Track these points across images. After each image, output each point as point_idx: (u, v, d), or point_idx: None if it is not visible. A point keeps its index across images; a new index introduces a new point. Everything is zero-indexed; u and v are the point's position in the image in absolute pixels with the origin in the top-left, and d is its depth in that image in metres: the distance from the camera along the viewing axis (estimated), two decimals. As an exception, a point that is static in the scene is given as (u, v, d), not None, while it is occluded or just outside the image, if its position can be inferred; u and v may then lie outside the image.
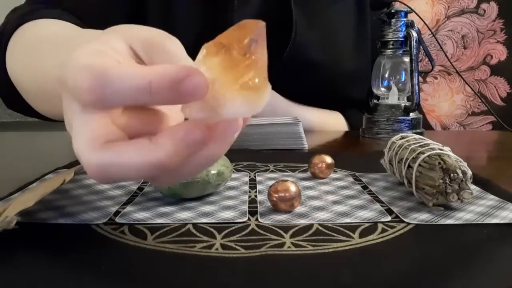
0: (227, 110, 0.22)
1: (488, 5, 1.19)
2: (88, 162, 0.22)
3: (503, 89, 1.21)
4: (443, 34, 1.21)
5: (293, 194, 0.34)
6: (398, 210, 0.34)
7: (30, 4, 0.66)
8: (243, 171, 0.47)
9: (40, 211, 0.33)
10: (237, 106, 0.22)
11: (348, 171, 0.47)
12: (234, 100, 0.22)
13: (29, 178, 0.42)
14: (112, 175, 0.22)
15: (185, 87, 0.21)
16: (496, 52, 1.20)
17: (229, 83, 0.22)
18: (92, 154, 0.22)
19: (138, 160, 0.22)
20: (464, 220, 0.32)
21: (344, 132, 0.83)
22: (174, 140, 0.22)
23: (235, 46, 0.22)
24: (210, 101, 0.22)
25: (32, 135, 0.83)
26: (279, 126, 0.59)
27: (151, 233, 0.30)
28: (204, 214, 0.33)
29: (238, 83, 0.22)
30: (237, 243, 0.28)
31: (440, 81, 1.23)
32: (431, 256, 0.27)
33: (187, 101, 0.22)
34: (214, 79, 0.22)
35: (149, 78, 0.21)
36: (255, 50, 0.22)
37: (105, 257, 0.27)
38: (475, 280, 0.24)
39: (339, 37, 0.83)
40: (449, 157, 0.34)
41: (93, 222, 0.32)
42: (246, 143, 0.58)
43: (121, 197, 0.37)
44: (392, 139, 0.43)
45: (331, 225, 0.31)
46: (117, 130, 0.24)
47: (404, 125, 0.71)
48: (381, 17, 0.73)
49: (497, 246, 0.28)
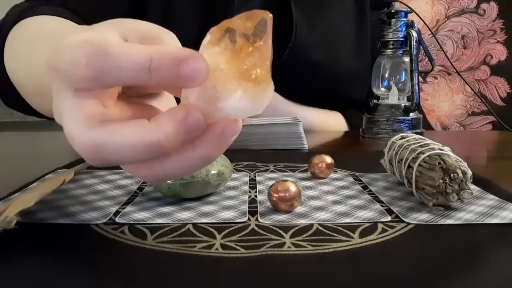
0: (226, 103, 0.22)
1: (488, 5, 1.19)
2: (83, 141, 0.21)
3: (503, 89, 1.21)
4: (443, 34, 1.21)
5: (293, 194, 0.34)
6: (398, 210, 0.34)
7: (29, 1, 0.66)
8: (243, 171, 0.47)
9: (40, 211, 0.33)
10: (237, 100, 0.22)
11: (348, 171, 0.47)
12: (234, 92, 0.21)
13: (29, 178, 0.42)
14: (107, 154, 0.21)
15: (185, 69, 0.20)
16: (496, 52, 1.20)
17: (231, 73, 0.21)
18: (87, 132, 0.21)
19: (137, 139, 0.21)
20: (464, 220, 0.32)
21: (344, 132, 0.83)
22: (175, 121, 0.21)
23: (240, 31, 0.22)
24: (210, 91, 0.22)
25: (32, 135, 0.83)
26: (279, 126, 0.59)
27: (151, 233, 0.30)
28: (204, 214, 0.33)
29: (240, 73, 0.21)
30: (237, 243, 0.28)
31: (440, 81, 1.23)
32: (431, 256, 0.27)
33: (185, 85, 0.21)
34: (216, 68, 0.21)
35: (150, 54, 0.21)
36: (260, 39, 0.22)
37: (105, 257, 0.27)
38: (475, 280, 0.24)
39: (339, 38, 0.83)
40: (449, 157, 0.34)
41: (93, 222, 0.31)
42: (246, 143, 0.58)
43: (121, 197, 0.37)
44: (392, 139, 0.43)
45: (331, 225, 0.31)
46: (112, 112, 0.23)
47: (404, 125, 0.71)
48: (381, 17, 0.73)
49: (497, 246, 0.28)
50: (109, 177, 0.43)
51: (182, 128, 0.21)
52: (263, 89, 0.22)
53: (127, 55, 0.21)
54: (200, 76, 0.21)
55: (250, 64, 0.22)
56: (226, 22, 0.22)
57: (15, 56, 0.55)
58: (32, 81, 0.48)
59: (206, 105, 0.22)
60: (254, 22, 0.22)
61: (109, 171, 0.45)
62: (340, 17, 0.83)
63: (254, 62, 0.22)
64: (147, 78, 0.21)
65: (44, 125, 0.69)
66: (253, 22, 0.22)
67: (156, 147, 0.21)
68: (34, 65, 0.45)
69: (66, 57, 0.22)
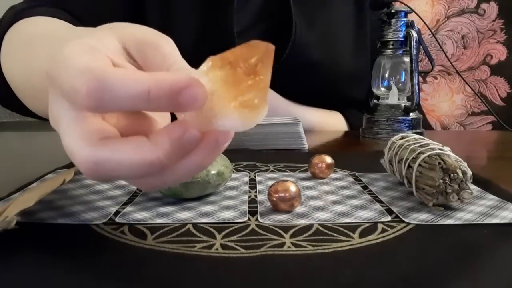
0: (222, 122, 0.22)
1: (488, 5, 1.19)
2: (83, 158, 0.22)
3: (503, 89, 1.21)
4: (443, 34, 1.21)
5: (293, 194, 0.34)
6: (398, 210, 0.34)
7: (27, 2, 0.66)
8: (243, 171, 0.47)
9: (40, 211, 0.33)
10: (232, 121, 0.22)
11: (348, 171, 0.47)
12: (230, 115, 0.22)
13: (29, 178, 0.42)
14: (108, 172, 0.22)
15: (184, 97, 0.21)
16: (496, 52, 1.20)
17: (228, 98, 0.22)
18: (87, 149, 0.22)
19: (138, 158, 0.22)
20: (464, 220, 0.32)
21: (344, 132, 0.83)
22: (173, 139, 0.22)
23: (241, 64, 0.22)
24: (207, 112, 0.22)
25: (32, 135, 0.83)
26: (279, 126, 0.59)
27: (151, 233, 0.30)
28: (204, 214, 0.33)
29: (237, 100, 0.22)
30: (237, 243, 0.28)
31: (440, 81, 1.23)
32: (431, 256, 0.27)
33: (184, 110, 0.22)
34: (214, 91, 0.22)
35: (148, 85, 0.21)
36: (260, 71, 0.22)
37: (105, 257, 0.27)
38: (475, 280, 0.24)
39: (338, 38, 0.83)
40: (449, 157, 0.34)
41: (93, 222, 0.32)
42: (246, 143, 0.58)
43: (121, 197, 0.37)
44: (392, 139, 0.43)
45: (331, 225, 0.31)
46: (111, 127, 0.23)
47: (404, 125, 0.71)
48: (381, 17, 0.73)
49: (497, 246, 0.28)
50: (109, 177, 0.43)
51: (179, 145, 0.22)
52: (258, 113, 0.23)
53: (126, 86, 0.21)
54: (199, 102, 0.21)
55: (249, 96, 0.22)
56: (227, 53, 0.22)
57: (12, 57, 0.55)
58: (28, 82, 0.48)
59: (201, 123, 0.23)
60: (257, 54, 0.22)
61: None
62: (340, 17, 0.83)
63: (252, 93, 0.22)
64: (146, 107, 0.21)
65: (44, 125, 0.69)
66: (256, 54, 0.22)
67: (156, 165, 0.22)
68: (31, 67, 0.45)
69: (67, 82, 0.22)
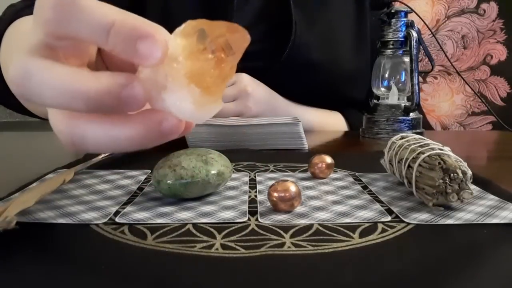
0: (169, 96, 0.21)
1: (488, 5, 1.19)
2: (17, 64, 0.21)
3: (503, 89, 1.21)
4: (443, 34, 1.21)
5: (293, 194, 0.34)
6: (398, 210, 0.34)
7: (25, 0, 0.66)
8: (243, 171, 0.47)
9: (40, 211, 0.33)
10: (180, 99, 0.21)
11: (348, 171, 0.47)
12: (179, 91, 0.21)
13: (29, 178, 0.42)
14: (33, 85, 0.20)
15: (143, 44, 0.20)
16: (496, 52, 1.20)
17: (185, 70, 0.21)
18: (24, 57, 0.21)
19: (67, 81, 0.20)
20: (464, 220, 0.32)
21: (344, 132, 0.83)
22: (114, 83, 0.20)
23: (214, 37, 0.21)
24: (161, 77, 0.21)
25: (32, 135, 0.83)
26: (279, 126, 0.59)
27: (151, 233, 0.30)
28: (204, 214, 0.33)
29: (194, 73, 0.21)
30: (237, 243, 0.28)
31: (440, 81, 1.23)
32: (431, 256, 0.27)
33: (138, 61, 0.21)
34: (175, 59, 0.21)
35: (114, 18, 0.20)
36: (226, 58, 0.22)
37: (105, 257, 0.27)
38: (475, 280, 0.24)
39: (338, 38, 0.83)
40: (449, 157, 0.34)
41: (93, 222, 0.31)
42: (246, 143, 0.58)
43: (121, 197, 0.37)
44: (392, 139, 0.43)
45: (331, 225, 0.31)
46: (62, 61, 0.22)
47: (404, 125, 0.71)
48: (381, 17, 0.73)
49: (497, 246, 0.28)
50: (109, 177, 0.43)
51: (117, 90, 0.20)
52: (208, 101, 0.22)
53: (92, 12, 0.20)
54: (153, 59, 0.20)
55: (207, 73, 0.21)
56: (205, 22, 0.21)
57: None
58: None
59: (152, 88, 0.21)
60: (232, 35, 0.21)
61: (109, 171, 0.45)
62: (340, 17, 0.83)
63: (212, 72, 0.21)
64: (104, 42, 0.20)
65: (44, 125, 0.69)
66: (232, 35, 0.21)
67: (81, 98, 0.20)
68: None
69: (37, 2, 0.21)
